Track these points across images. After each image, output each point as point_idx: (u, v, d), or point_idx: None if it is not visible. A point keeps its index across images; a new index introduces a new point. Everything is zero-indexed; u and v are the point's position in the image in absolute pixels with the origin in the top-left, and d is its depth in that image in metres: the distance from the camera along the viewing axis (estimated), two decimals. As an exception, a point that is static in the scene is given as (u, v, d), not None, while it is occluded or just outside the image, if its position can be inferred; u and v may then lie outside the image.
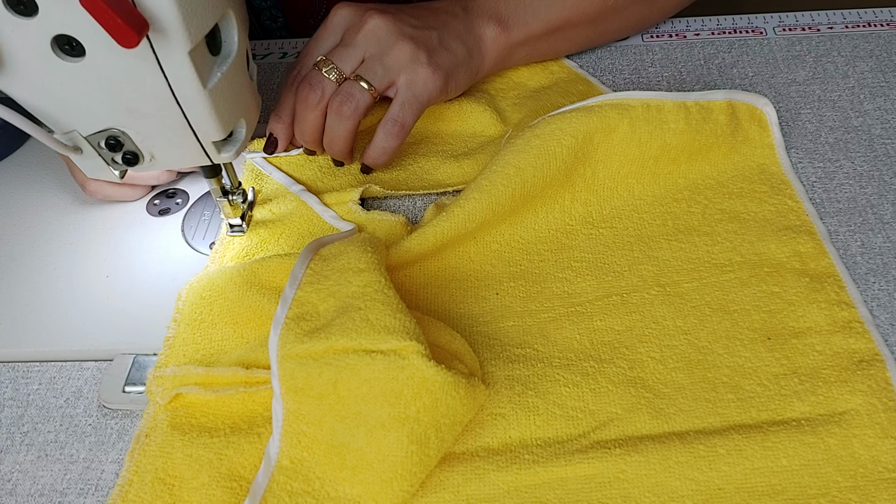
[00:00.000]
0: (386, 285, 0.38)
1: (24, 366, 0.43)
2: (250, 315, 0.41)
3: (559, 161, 0.45)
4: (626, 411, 0.37)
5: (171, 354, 0.40)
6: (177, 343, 0.41)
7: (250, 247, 0.46)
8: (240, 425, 0.38)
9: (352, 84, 0.46)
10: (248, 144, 0.43)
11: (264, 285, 0.42)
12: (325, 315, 0.37)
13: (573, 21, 0.54)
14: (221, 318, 0.42)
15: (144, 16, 0.30)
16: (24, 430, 0.40)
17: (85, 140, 0.36)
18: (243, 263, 0.43)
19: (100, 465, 0.38)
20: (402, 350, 0.35)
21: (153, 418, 0.38)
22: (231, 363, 0.39)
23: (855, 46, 0.59)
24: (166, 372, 0.39)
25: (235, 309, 0.41)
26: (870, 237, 0.46)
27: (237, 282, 0.42)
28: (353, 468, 0.34)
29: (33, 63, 0.32)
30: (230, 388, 0.38)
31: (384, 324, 0.36)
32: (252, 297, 0.41)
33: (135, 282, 0.45)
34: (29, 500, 0.37)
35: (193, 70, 0.33)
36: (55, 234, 0.49)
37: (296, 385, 0.36)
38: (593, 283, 0.44)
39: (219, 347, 0.41)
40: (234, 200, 0.45)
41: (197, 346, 0.41)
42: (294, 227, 0.47)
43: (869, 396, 0.37)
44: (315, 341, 0.36)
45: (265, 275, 0.42)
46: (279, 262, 0.42)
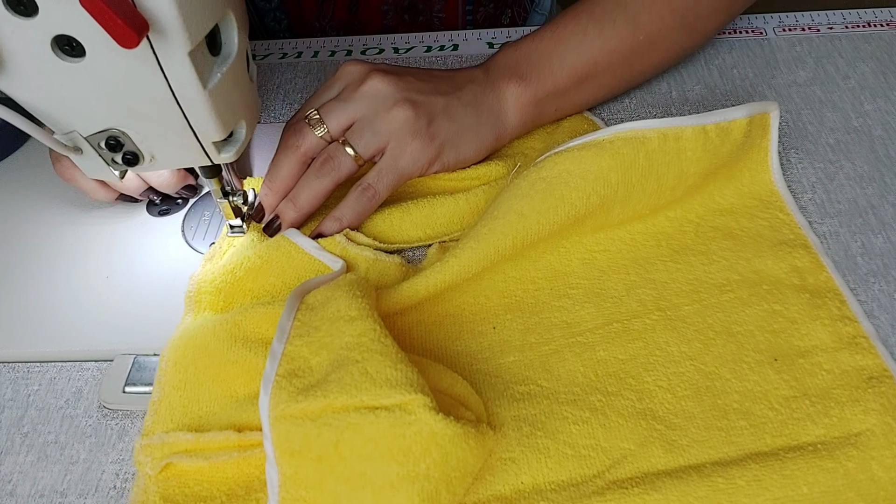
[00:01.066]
0: (382, 333, 0.36)
1: (24, 366, 0.43)
2: (238, 371, 0.39)
3: (567, 205, 0.42)
4: (639, 446, 0.36)
5: (158, 419, 0.38)
6: (163, 407, 0.38)
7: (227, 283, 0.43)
8: (236, 492, 0.36)
9: (337, 147, 0.45)
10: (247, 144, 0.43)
11: (250, 338, 0.39)
12: (319, 370, 0.35)
13: (603, 64, 0.50)
14: (208, 376, 0.39)
15: (144, 16, 0.30)
16: (25, 431, 0.40)
17: (85, 140, 0.36)
18: (225, 316, 0.40)
19: (100, 466, 0.38)
20: (408, 404, 0.33)
21: (144, 490, 0.36)
22: (222, 426, 0.36)
23: (856, 47, 0.59)
24: (154, 440, 0.36)
25: (222, 366, 0.39)
26: (870, 238, 0.46)
27: (221, 336, 0.39)
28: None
29: (33, 63, 0.32)
30: (223, 454, 0.36)
31: (385, 376, 0.34)
32: (238, 352, 0.39)
33: (135, 282, 0.45)
34: (29, 501, 0.37)
35: (193, 70, 0.33)
36: (55, 235, 0.48)
37: (292, 448, 0.33)
38: (592, 310, 0.42)
39: (207, 409, 0.38)
40: (234, 201, 0.45)
41: (184, 409, 0.38)
42: (274, 262, 0.44)
43: (883, 415, 0.36)
44: (311, 400, 0.34)
45: (250, 327, 0.40)
46: (263, 312, 0.40)
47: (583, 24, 0.49)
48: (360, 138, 0.45)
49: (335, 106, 0.45)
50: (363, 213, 0.46)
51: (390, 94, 0.45)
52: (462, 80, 0.49)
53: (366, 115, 0.45)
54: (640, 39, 0.50)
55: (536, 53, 0.49)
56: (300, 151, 0.45)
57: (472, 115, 0.47)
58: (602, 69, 0.50)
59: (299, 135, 0.45)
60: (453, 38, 0.65)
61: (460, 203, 0.47)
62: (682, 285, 0.43)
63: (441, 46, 0.64)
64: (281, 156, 0.45)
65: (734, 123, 0.45)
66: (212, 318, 0.41)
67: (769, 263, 0.43)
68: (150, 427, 0.38)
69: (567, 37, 0.49)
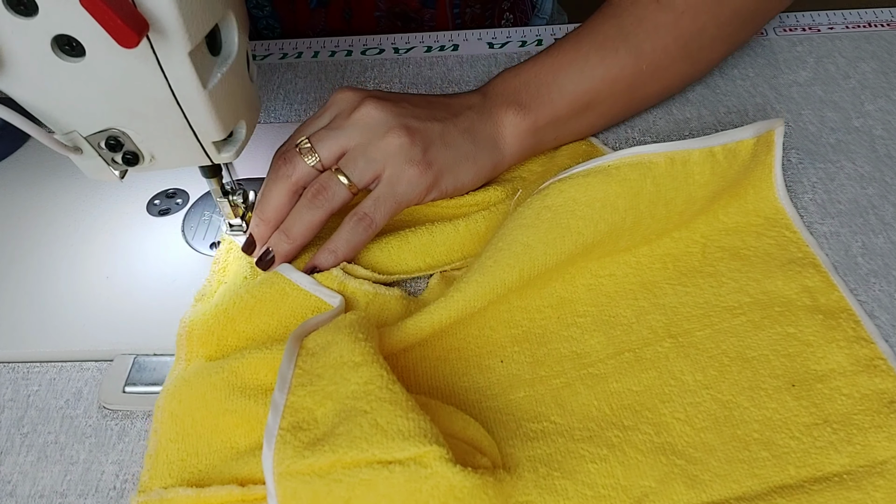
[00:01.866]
0: (389, 380, 0.34)
1: (24, 367, 0.43)
2: (238, 421, 0.37)
3: (575, 234, 0.41)
4: (660, 483, 0.35)
5: (155, 474, 0.36)
6: (159, 461, 0.36)
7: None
8: None
9: (330, 176, 0.43)
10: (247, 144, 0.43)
11: (249, 386, 0.38)
12: (325, 421, 0.33)
13: (604, 93, 0.49)
14: (206, 427, 0.37)
15: (144, 16, 0.30)
16: (24, 431, 0.40)
17: (85, 140, 0.36)
18: (221, 363, 0.38)
19: (100, 467, 0.38)
20: (423, 457, 0.31)
21: None
22: (224, 481, 0.35)
23: (856, 47, 0.59)
24: (152, 497, 0.35)
25: (220, 416, 0.37)
26: (871, 238, 0.46)
27: (218, 385, 0.37)
28: None
29: (33, 63, 0.32)
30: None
31: (397, 427, 0.32)
32: (237, 402, 0.37)
33: (135, 282, 0.45)
34: (29, 501, 0.37)
35: (193, 71, 0.33)
36: (55, 235, 0.48)
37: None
38: (602, 339, 0.41)
39: (207, 462, 0.36)
40: (234, 201, 0.45)
41: (182, 463, 0.36)
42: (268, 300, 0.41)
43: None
44: (318, 455, 0.32)
45: (248, 374, 0.38)
46: (261, 357, 0.38)
47: (584, 52, 0.48)
48: (353, 166, 0.43)
49: (327, 134, 0.44)
50: (359, 244, 0.44)
51: (384, 120, 0.44)
52: (459, 106, 0.47)
53: (359, 143, 0.44)
54: (643, 69, 0.49)
55: (536, 81, 0.48)
56: (291, 181, 0.43)
57: (469, 141, 0.46)
58: (603, 98, 0.49)
59: (290, 164, 0.43)
60: (453, 38, 0.65)
61: (460, 230, 0.46)
62: (692, 309, 0.42)
63: (441, 46, 0.64)
64: (271, 186, 0.44)
65: (741, 144, 0.44)
66: (207, 365, 0.39)
67: (779, 284, 0.43)
68: (148, 483, 0.36)
69: (567, 65, 0.48)
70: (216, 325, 0.41)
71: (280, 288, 0.42)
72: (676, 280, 0.44)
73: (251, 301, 0.41)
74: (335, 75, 0.62)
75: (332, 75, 0.62)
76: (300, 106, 0.59)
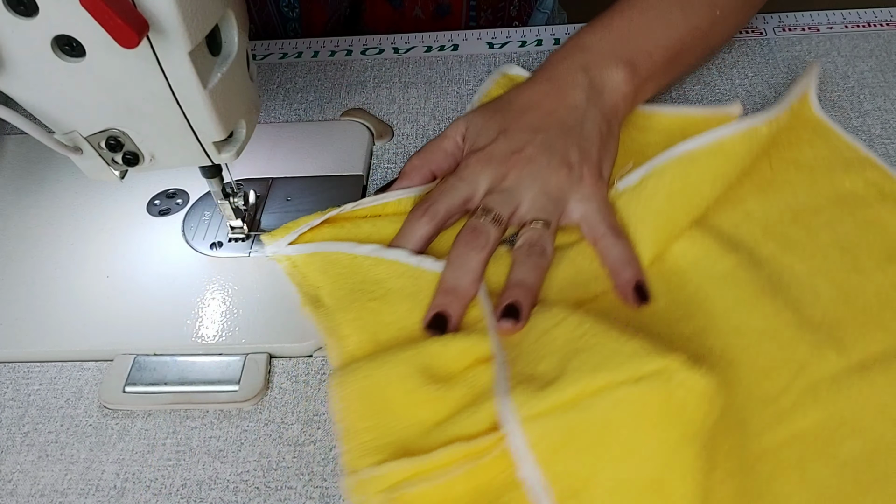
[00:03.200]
0: (594, 322, 0.36)
1: (24, 366, 0.43)
2: (428, 399, 0.37)
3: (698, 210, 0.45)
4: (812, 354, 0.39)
5: (357, 455, 0.36)
6: (356, 442, 0.36)
7: None
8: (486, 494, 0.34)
9: (531, 227, 0.43)
10: (246, 146, 0.43)
11: (438, 376, 0.38)
12: (550, 371, 0.34)
13: (688, 43, 0.50)
14: (398, 406, 0.37)
15: (144, 16, 0.30)
16: (25, 430, 0.40)
17: (85, 140, 0.36)
18: (405, 356, 0.38)
19: (100, 466, 0.38)
20: (669, 367, 0.33)
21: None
22: (437, 445, 0.34)
23: (855, 46, 0.59)
24: (363, 475, 0.34)
25: (410, 395, 0.37)
26: (870, 237, 0.46)
27: (405, 374, 0.38)
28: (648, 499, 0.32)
29: (33, 63, 0.32)
30: (449, 471, 0.34)
31: (632, 349, 0.34)
32: (429, 390, 0.37)
33: (135, 282, 0.45)
34: (30, 500, 0.37)
35: (193, 70, 0.33)
36: (55, 234, 0.49)
37: (553, 445, 0.33)
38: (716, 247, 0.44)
39: (405, 437, 0.36)
40: (235, 202, 0.45)
41: (379, 442, 0.36)
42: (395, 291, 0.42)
43: None
44: (560, 391, 0.33)
45: (440, 365, 0.38)
46: (455, 349, 0.38)
47: (667, 2, 0.50)
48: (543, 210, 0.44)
49: (498, 197, 0.45)
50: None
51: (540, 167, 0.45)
52: (569, 98, 0.48)
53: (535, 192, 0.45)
54: (717, 15, 0.50)
55: (631, 34, 0.49)
56: (489, 248, 0.43)
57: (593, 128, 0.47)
58: (688, 47, 0.51)
59: (482, 233, 0.43)
60: (453, 38, 0.65)
61: None
62: (781, 215, 0.46)
63: (441, 46, 0.64)
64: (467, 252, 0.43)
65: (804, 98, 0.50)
66: (388, 351, 0.39)
67: (846, 182, 0.47)
68: (353, 464, 0.36)
69: (656, 17, 0.49)
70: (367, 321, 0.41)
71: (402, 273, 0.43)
72: (758, 192, 0.47)
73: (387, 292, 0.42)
74: (335, 75, 0.62)
75: (332, 75, 0.62)
76: (300, 106, 0.59)
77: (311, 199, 0.50)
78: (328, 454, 0.38)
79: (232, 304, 0.43)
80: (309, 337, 0.42)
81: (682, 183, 0.44)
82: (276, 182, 0.51)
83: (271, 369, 0.42)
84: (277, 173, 0.52)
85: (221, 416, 0.40)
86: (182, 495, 0.37)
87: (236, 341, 0.42)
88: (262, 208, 0.49)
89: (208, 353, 0.42)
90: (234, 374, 0.40)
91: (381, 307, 0.42)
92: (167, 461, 0.38)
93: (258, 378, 0.40)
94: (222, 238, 0.47)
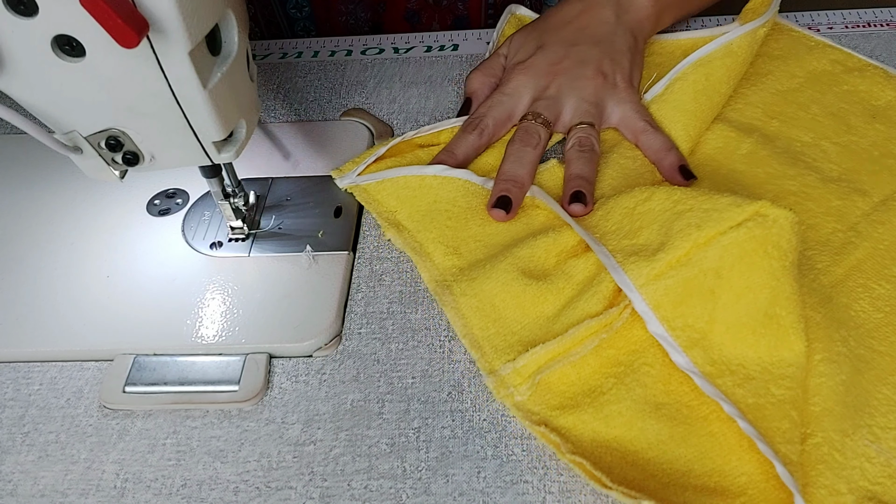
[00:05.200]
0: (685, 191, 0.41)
1: (24, 366, 0.43)
2: (537, 293, 0.41)
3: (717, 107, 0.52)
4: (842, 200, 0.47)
5: (490, 358, 0.40)
6: (486, 345, 0.40)
7: None
8: (612, 373, 0.38)
9: (578, 129, 0.49)
10: (247, 144, 0.43)
11: (536, 274, 0.42)
12: (653, 239, 0.40)
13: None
14: (510, 307, 0.41)
15: (144, 16, 0.30)
16: (25, 430, 0.40)
17: (85, 140, 0.36)
18: (501, 267, 0.43)
19: (101, 466, 0.38)
20: (761, 210, 0.38)
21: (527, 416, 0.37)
22: (563, 330, 0.39)
23: (855, 46, 0.59)
24: (503, 372, 0.38)
25: (520, 296, 0.41)
26: (870, 237, 0.46)
27: (507, 280, 0.42)
28: (764, 333, 0.37)
29: (33, 63, 0.32)
30: (584, 347, 0.39)
31: (724, 204, 0.39)
32: (533, 289, 0.41)
33: (135, 282, 0.45)
34: (30, 500, 0.37)
35: (193, 70, 0.33)
36: (55, 234, 0.49)
37: (673, 301, 0.38)
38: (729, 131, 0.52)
39: (528, 333, 0.40)
40: (235, 203, 0.45)
41: (507, 340, 0.40)
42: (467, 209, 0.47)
43: None
44: (670, 251, 0.38)
45: (535, 265, 0.43)
46: (542, 249, 0.43)
47: None
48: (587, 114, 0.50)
49: (544, 104, 0.51)
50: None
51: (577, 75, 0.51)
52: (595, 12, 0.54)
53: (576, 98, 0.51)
54: None
55: None
56: (542, 147, 0.49)
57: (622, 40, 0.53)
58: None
59: (534, 134, 0.49)
60: (453, 38, 0.65)
61: None
62: (773, 97, 0.54)
63: (441, 46, 0.64)
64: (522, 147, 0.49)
65: None
66: (486, 260, 0.44)
67: (814, 64, 0.56)
68: (489, 366, 0.39)
69: None
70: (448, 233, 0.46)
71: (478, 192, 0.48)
72: (747, 83, 0.55)
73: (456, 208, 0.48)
74: (335, 75, 0.62)
75: (332, 75, 0.62)
76: (300, 106, 0.59)
77: (311, 199, 0.50)
78: (328, 454, 0.38)
79: (232, 304, 0.43)
80: (309, 337, 0.42)
81: (705, 83, 0.51)
82: (276, 182, 0.51)
83: (271, 369, 0.42)
84: (277, 173, 0.52)
85: (221, 416, 0.40)
86: (182, 495, 0.37)
87: (236, 341, 0.42)
88: (262, 208, 0.49)
89: (208, 353, 0.42)
90: (234, 374, 0.40)
91: (458, 224, 0.47)
92: (167, 461, 0.38)
93: (258, 378, 0.40)
94: (222, 238, 0.48)
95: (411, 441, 0.38)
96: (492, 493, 0.35)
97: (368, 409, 0.39)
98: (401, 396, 0.40)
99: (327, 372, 0.41)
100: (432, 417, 0.39)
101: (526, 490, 0.35)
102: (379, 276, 0.46)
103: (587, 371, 0.39)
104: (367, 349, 0.42)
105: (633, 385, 0.38)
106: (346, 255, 0.46)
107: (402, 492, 0.36)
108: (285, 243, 0.47)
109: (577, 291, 0.41)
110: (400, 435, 0.38)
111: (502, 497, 0.35)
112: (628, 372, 0.38)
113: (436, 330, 0.43)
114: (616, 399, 0.37)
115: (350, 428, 0.39)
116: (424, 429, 0.38)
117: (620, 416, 0.37)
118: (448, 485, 0.36)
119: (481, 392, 0.40)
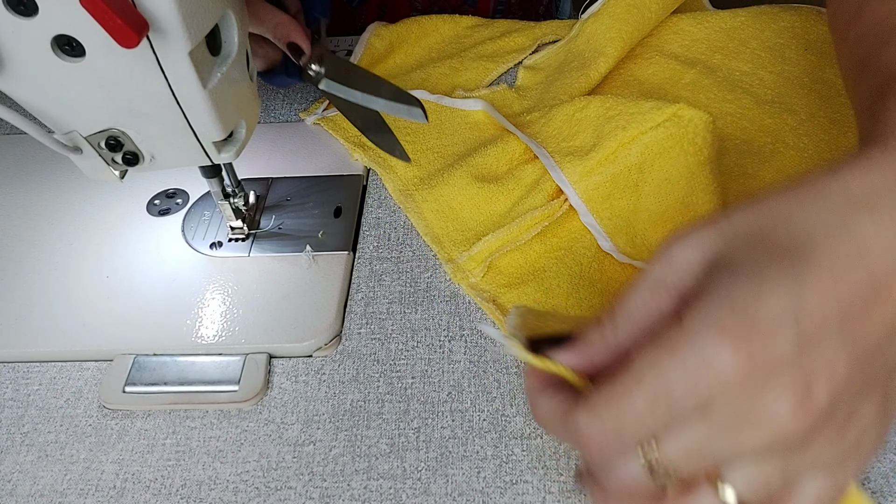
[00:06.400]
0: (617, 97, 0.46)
1: (24, 366, 0.43)
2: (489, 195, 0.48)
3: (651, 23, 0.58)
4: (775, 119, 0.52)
5: (444, 249, 0.46)
6: (446, 240, 0.47)
7: None
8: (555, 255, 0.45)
9: None
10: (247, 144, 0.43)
11: (489, 178, 0.48)
12: (587, 143, 0.45)
13: None
14: (466, 208, 0.48)
15: (144, 16, 0.30)
16: (25, 430, 0.40)
17: (85, 140, 0.36)
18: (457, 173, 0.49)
19: (100, 466, 0.38)
20: (678, 112, 0.43)
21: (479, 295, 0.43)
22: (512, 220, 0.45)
23: None
24: (463, 256, 0.45)
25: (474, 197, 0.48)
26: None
27: (462, 185, 0.48)
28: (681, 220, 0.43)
29: (33, 63, 0.32)
30: (526, 235, 0.45)
31: (648, 107, 0.44)
32: (487, 190, 0.48)
33: (134, 282, 0.45)
34: (29, 500, 0.37)
35: (193, 70, 0.33)
36: (55, 234, 0.49)
37: (602, 194, 0.44)
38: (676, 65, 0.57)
39: (481, 227, 0.47)
40: (235, 203, 0.45)
41: (464, 235, 0.46)
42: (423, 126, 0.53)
43: None
44: (600, 150, 0.44)
45: (488, 171, 0.49)
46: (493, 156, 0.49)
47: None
48: None
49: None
50: None
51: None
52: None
53: None
54: None
55: None
56: None
57: None
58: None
59: None
60: (453, 38, 0.65)
61: None
62: (717, 34, 0.59)
63: (441, 46, 0.64)
64: None
65: None
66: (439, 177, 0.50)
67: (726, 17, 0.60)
68: (448, 255, 0.46)
69: None
70: None
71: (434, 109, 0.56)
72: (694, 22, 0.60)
73: None
74: (335, 75, 0.62)
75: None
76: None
77: (311, 199, 0.50)
78: (328, 454, 0.38)
79: (232, 304, 0.43)
80: (309, 337, 0.42)
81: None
82: (276, 182, 0.51)
83: (271, 369, 0.42)
84: (277, 173, 0.52)
85: (221, 416, 0.40)
86: (182, 495, 0.37)
87: (236, 341, 0.42)
88: (262, 208, 0.49)
89: (208, 353, 0.42)
90: (233, 374, 0.40)
91: (415, 139, 0.53)
92: (167, 461, 0.38)
93: (258, 378, 0.40)
94: (222, 238, 0.48)
95: (411, 441, 0.38)
96: (491, 494, 0.35)
97: (368, 410, 0.39)
98: (400, 396, 0.40)
99: (327, 372, 0.41)
100: (432, 417, 0.39)
101: (526, 490, 0.35)
102: (379, 277, 0.46)
103: (533, 255, 0.45)
104: (367, 349, 0.42)
105: (571, 264, 0.44)
106: (345, 255, 0.46)
107: (402, 492, 0.36)
108: (285, 243, 0.47)
109: (526, 192, 0.47)
110: (399, 435, 0.38)
111: (502, 497, 0.35)
112: (567, 254, 0.45)
113: (435, 330, 0.43)
114: (556, 275, 0.44)
115: (350, 428, 0.39)
116: (424, 429, 0.38)
117: (559, 288, 0.43)
118: (448, 485, 0.36)
119: (481, 392, 0.40)
